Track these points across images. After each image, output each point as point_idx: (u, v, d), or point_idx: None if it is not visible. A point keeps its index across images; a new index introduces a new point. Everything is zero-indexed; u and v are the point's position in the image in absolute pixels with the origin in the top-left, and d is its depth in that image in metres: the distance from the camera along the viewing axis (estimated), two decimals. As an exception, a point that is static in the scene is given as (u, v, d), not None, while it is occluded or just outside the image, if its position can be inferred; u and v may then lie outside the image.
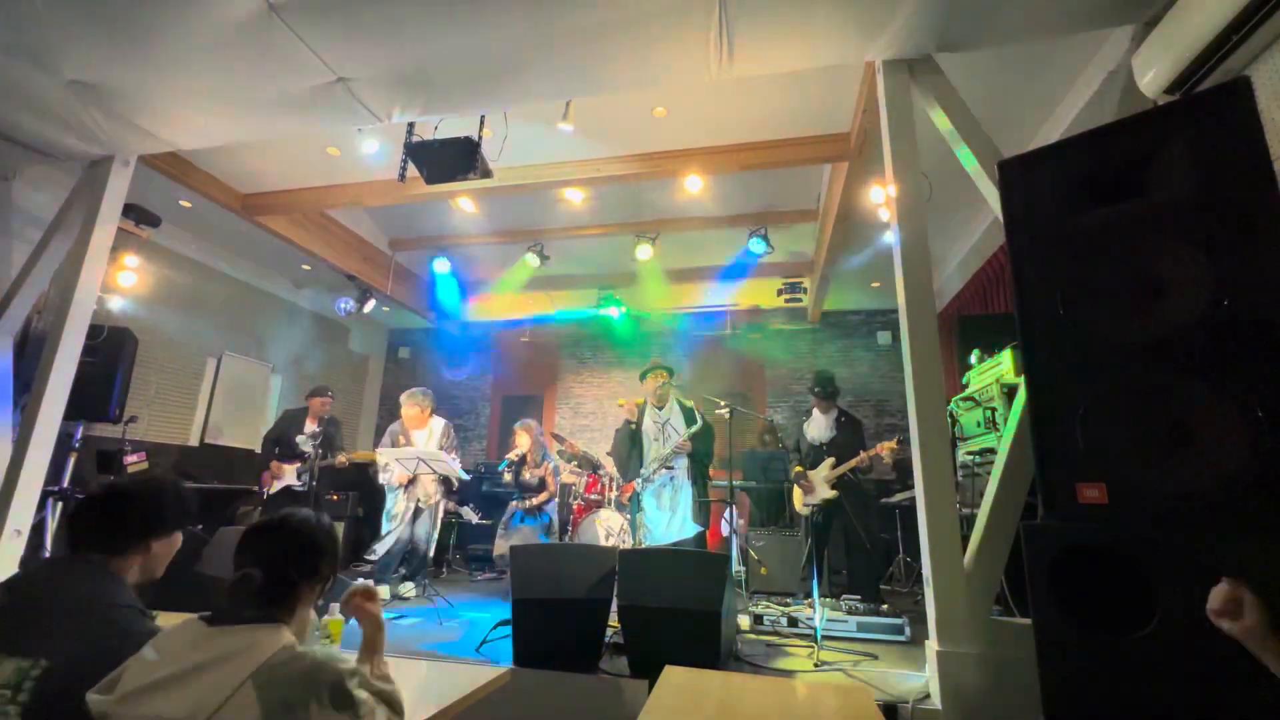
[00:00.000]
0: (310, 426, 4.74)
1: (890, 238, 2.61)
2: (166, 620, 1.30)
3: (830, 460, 4.16)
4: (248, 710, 0.90)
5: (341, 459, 4.57)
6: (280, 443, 4.68)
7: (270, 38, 2.45)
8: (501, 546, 4.50)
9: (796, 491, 4.39)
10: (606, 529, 4.48)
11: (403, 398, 4.45)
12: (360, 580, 1.41)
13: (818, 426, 4.35)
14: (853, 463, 4.07)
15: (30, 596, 1.18)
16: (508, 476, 4.70)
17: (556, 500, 4.81)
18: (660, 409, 4.24)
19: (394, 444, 4.28)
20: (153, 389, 5.48)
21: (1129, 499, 1.46)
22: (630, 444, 4.22)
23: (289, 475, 4.60)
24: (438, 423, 4.47)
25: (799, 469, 4.32)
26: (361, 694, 1.03)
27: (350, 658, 1.09)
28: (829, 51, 2.64)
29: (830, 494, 4.09)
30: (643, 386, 4.34)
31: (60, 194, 3.45)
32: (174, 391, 5.73)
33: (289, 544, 1.14)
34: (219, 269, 6.22)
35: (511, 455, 4.68)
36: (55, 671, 1.04)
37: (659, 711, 1.41)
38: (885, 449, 3.96)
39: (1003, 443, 2.26)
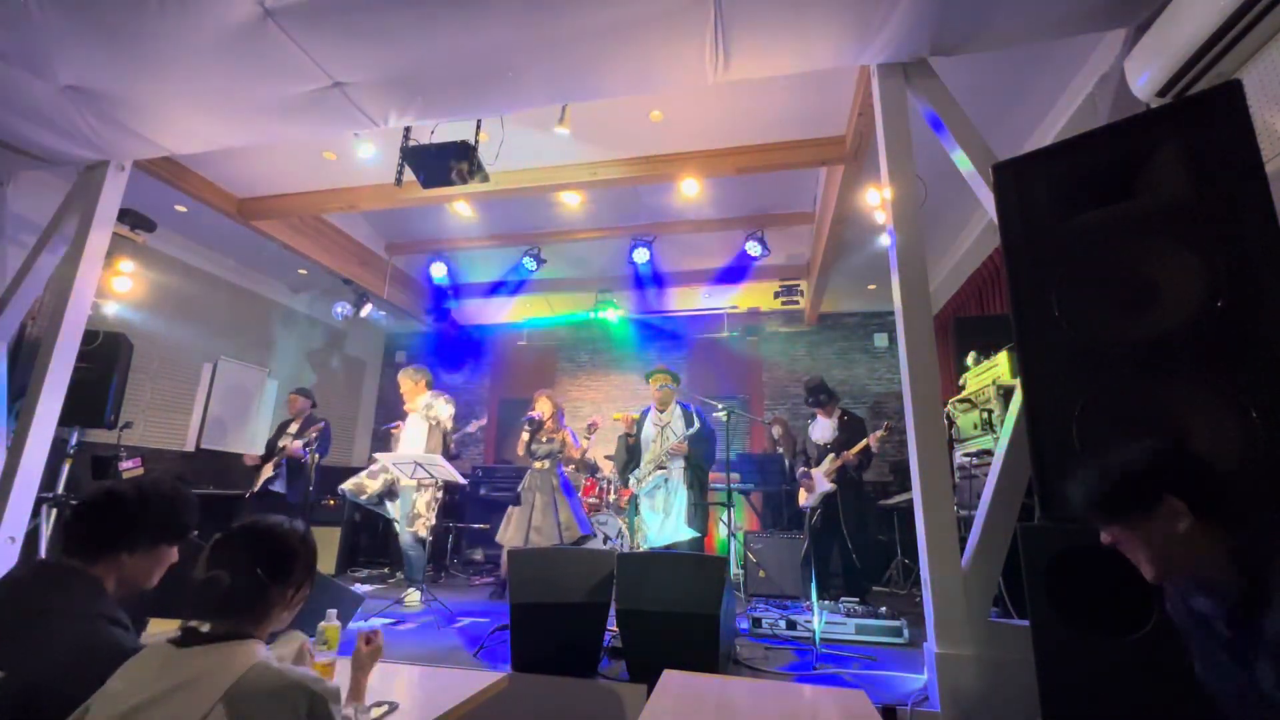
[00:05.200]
0: (293, 427, 4.88)
1: (886, 240, 2.62)
2: (160, 626, 1.28)
3: (830, 455, 4.33)
4: None
5: (295, 445, 4.68)
6: (269, 447, 4.86)
7: (266, 43, 2.45)
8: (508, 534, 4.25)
9: (802, 491, 4.53)
10: (604, 532, 4.48)
11: (399, 375, 4.52)
12: (372, 628, 1.34)
13: (822, 429, 4.53)
14: (848, 454, 4.23)
15: (3, 605, 1.15)
16: (525, 435, 4.50)
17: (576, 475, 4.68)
18: (662, 411, 4.26)
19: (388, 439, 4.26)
20: (148, 394, 5.46)
21: (1125, 500, 1.46)
22: (628, 454, 4.27)
23: (266, 472, 4.69)
24: (438, 399, 4.48)
25: (801, 469, 4.50)
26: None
27: (329, 683, 1.03)
28: (824, 55, 2.65)
29: (829, 487, 4.26)
30: (646, 388, 4.40)
31: (55, 199, 3.44)
32: (170, 397, 5.70)
33: (256, 548, 1.09)
34: (214, 274, 6.20)
35: (532, 413, 4.53)
36: (13, 682, 1.02)
37: (658, 715, 1.41)
38: (874, 439, 4.17)
39: (999, 444, 2.26)
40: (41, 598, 1.17)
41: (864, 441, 4.22)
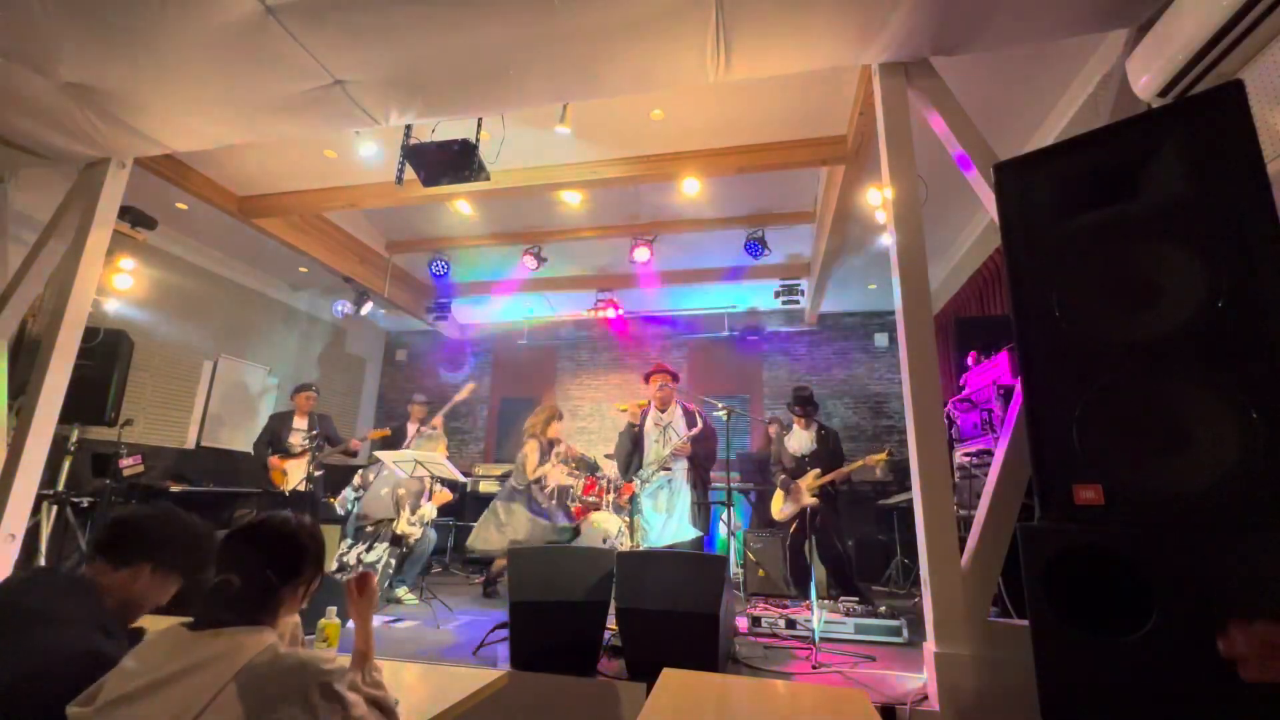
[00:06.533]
0: (300, 423, 4.81)
1: (887, 240, 2.62)
2: (158, 624, 1.29)
3: (816, 470, 4.32)
4: (230, 712, 0.90)
5: (355, 443, 4.75)
6: (273, 443, 4.75)
7: (267, 40, 2.45)
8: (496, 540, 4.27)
9: (776, 500, 4.53)
10: (604, 531, 4.48)
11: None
12: (361, 572, 1.39)
13: (799, 440, 4.52)
14: (844, 471, 4.25)
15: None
16: (536, 455, 4.51)
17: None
18: (662, 411, 4.26)
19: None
20: (148, 392, 5.46)
21: (1125, 500, 1.46)
22: (632, 446, 4.25)
23: (301, 467, 4.63)
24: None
25: (783, 476, 4.50)
26: (351, 695, 1.02)
27: (338, 660, 1.09)
28: (825, 55, 2.65)
29: (811, 500, 4.25)
30: (646, 388, 4.38)
31: (56, 196, 3.44)
32: (170, 394, 5.71)
33: (267, 547, 1.13)
34: (215, 272, 6.21)
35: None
36: (5, 683, 1.03)
37: (657, 714, 1.41)
38: (876, 460, 4.15)
39: (999, 444, 2.26)
40: (36, 602, 1.18)
41: (855, 464, 4.27)
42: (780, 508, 4.46)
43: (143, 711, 0.91)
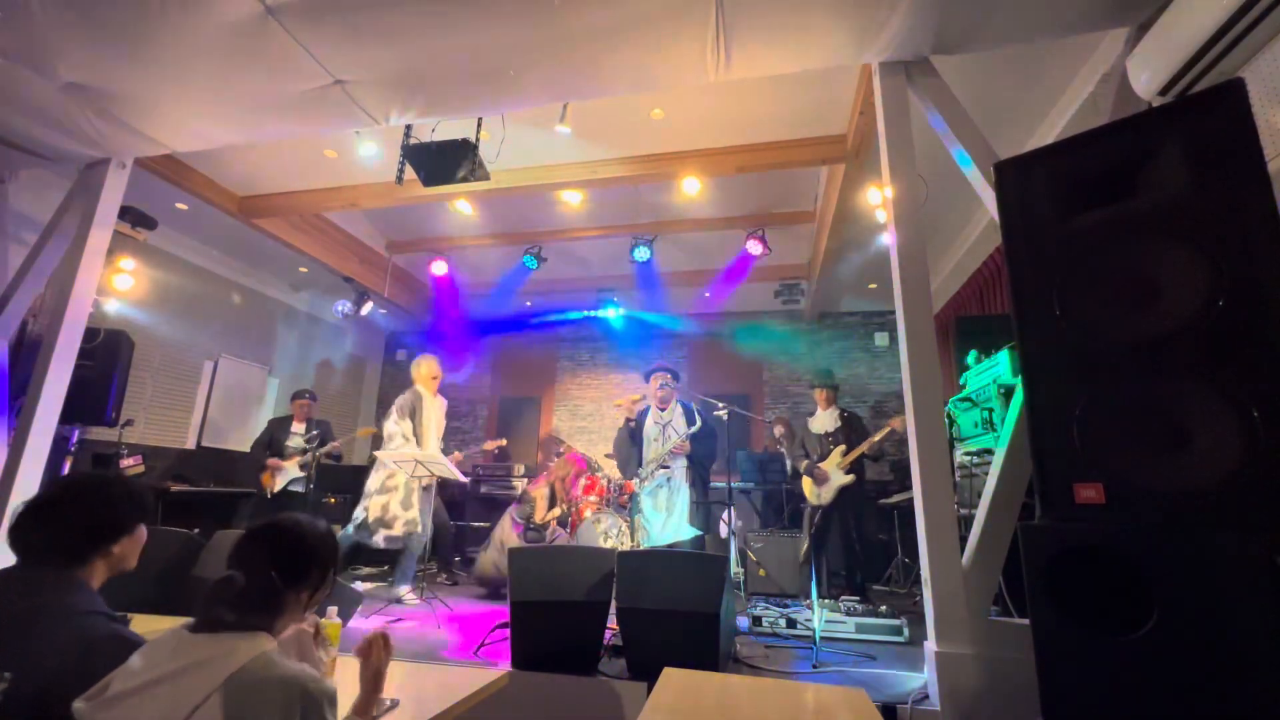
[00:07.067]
0: (298, 427, 4.85)
1: (887, 239, 2.62)
2: (158, 624, 1.28)
3: (841, 448, 4.26)
4: (213, 718, 0.89)
5: (336, 444, 4.85)
6: (271, 446, 4.79)
7: (267, 40, 2.45)
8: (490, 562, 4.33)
9: (808, 484, 4.40)
10: (605, 530, 4.48)
11: (427, 361, 4.46)
12: (384, 629, 1.34)
13: (822, 420, 4.49)
14: (873, 439, 4.20)
15: None
16: (544, 503, 4.64)
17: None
18: (662, 410, 4.27)
19: (411, 416, 4.23)
20: (149, 392, 5.46)
21: (1126, 499, 1.46)
22: (630, 443, 4.26)
23: (290, 470, 4.66)
24: (442, 401, 4.53)
25: (806, 461, 4.40)
26: None
27: (328, 683, 1.03)
28: (825, 54, 2.65)
29: (847, 479, 4.19)
30: (646, 387, 4.39)
31: (56, 197, 3.44)
32: (170, 395, 5.71)
33: (275, 549, 1.11)
34: (215, 272, 6.21)
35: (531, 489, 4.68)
36: (21, 685, 1.02)
37: (657, 713, 1.41)
38: (899, 422, 4.06)
39: (1000, 443, 2.26)
40: (31, 599, 1.15)
41: (884, 430, 4.17)
42: (815, 494, 4.34)
43: (135, 710, 0.91)
